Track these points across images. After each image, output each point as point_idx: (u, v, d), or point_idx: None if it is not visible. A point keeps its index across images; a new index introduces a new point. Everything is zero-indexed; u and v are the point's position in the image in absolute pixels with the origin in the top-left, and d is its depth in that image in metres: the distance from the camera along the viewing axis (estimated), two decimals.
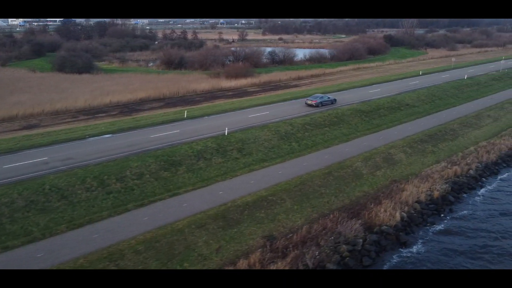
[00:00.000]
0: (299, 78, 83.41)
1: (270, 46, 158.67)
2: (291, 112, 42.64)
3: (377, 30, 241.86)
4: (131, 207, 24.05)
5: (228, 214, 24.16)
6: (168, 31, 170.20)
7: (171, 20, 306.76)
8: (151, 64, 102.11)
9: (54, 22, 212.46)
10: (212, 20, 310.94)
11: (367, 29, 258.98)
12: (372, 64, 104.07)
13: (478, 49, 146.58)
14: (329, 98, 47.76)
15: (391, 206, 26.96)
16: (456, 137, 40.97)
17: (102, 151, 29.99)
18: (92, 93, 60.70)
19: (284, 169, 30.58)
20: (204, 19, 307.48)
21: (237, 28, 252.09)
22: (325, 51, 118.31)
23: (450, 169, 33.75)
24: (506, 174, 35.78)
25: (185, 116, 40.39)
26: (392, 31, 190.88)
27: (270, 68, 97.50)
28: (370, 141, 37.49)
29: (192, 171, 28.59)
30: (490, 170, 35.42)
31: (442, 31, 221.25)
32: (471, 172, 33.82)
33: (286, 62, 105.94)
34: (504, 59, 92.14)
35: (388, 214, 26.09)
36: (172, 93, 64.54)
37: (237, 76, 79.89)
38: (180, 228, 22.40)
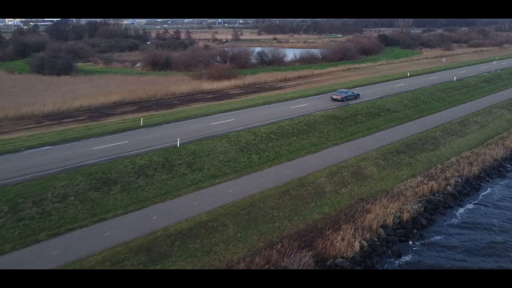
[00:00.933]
0: (286, 80, 79.67)
1: (263, 46, 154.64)
2: (260, 119, 38.78)
3: (375, 30, 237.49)
4: (42, 237, 20.25)
5: (154, 245, 20.34)
6: (161, 31, 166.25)
7: (169, 20, 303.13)
8: (138, 65, 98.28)
9: (51, 21, 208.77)
10: (210, 20, 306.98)
11: (364, 29, 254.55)
12: (363, 65, 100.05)
13: (474, 49, 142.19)
14: (353, 93, 49.26)
15: (351, 233, 23.07)
16: (437, 147, 36.98)
17: (30, 167, 26.19)
18: (64, 96, 57.17)
19: (236, 187, 26.71)
20: (202, 19, 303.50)
21: (233, 28, 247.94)
22: (317, 51, 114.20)
23: (426, 184, 29.82)
24: (489, 189, 31.80)
25: (141, 124, 36.56)
26: (388, 31, 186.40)
27: (258, 69, 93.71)
28: (340, 152, 33.57)
29: (127, 191, 24.76)
30: (471, 185, 31.45)
31: (439, 31, 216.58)
32: (449, 188, 29.85)
33: (275, 62, 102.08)
34: (498, 60, 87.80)
35: (346, 243, 22.23)
36: (148, 96, 60.92)
37: (220, 77, 76.28)
38: (91, 266, 18.58)
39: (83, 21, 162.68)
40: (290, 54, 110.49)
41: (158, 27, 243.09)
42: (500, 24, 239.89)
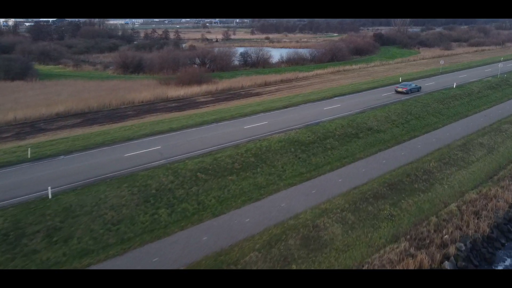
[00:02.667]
0: (266, 84, 69.23)
1: (254, 46, 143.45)
2: (196, 146, 28.29)
3: (372, 29, 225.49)
4: None
5: None
6: (149, 31, 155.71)
7: (166, 20, 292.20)
8: (111, 67, 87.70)
9: (47, 22, 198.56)
10: (208, 20, 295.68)
11: (362, 28, 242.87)
12: (354, 66, 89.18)
13: (474, 48, 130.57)
14: (415, 86, 48.83)
15: None
16: (431, 186, 26.23)
17: None
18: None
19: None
20: (199, 19, 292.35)
21: (228, 27, 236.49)
22: (306, 52, 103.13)
23: (411, 257, 19.15)
24: (508, 260, 20.97)
25: (29, 156, 26.08)
26: (386, 30, 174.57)
27: (239, 72, 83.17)
28: (293, 200, 22.97)
29: None
30: (480, 254, 20.69)
31: (439, 29, 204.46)
32: (447, 265, 19.09)
33: (260, 64, 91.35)
34: (503, 61, 76.45)
35: None
36: (101, 105, 50.64)
37: (190, 82, 65.73)
38: None
39: (66, 21, 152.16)
40: (277, 55, 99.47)
41: (153, 26, 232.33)
42: (500, 22, 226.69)
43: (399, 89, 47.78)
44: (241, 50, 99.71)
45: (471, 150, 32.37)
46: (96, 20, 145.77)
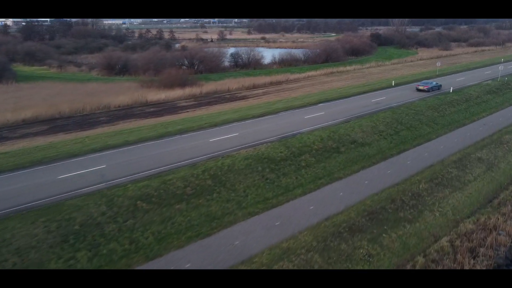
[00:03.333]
0: (254, 87, 65.07)
1: (249, 46, 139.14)
2: (148, 165, 24.01)
3: (371, 28, 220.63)
4: None
5: None
6: (143, 31, 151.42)
7: (165, 20, 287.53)
8: (96, 69, 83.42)
9: (45, 21, 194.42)
10: (206, 20, 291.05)
11: (361, 27, 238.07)
12: (349, 68, 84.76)
13: (474, 48, 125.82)
14: (436, 84, 48.56)
15: None
16: (419, 214, 21.86)
17: None
18: None
19: None
20: (198, 19, 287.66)
21: (226, 27, 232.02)
22: (300, 52, 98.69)
23: None
24: None
25: None
26: (384, 29, 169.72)
27: (228, 73, 79.04)
28: (250, 235, 18.65)
29: None
30: None
31: (438, 29, 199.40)
32: None
33: (251, 65, 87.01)
34: (503, 62, 71.78)
35: None
36: (74, 110, 46.61)
37: (173, 85, 61.49)
38: None
39: (60, 20, 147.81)
40: (270, 55, 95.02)
41: (152, 26, 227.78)
42: (500, 22, 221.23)
43: (421, 87, 47.45)
44: (231, 50, 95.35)
45: (468, 167, 27.93)
46: (90, 20, 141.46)
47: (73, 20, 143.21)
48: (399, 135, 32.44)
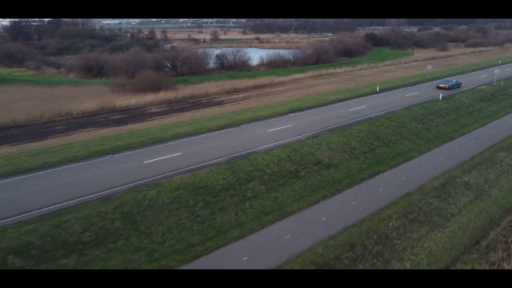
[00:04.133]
0: (235, 91, 60.25)
1: (242, 47, 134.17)
2: (49, 200, 19.02)
3: (369, 28, 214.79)
4: None
5: None
6: (135, 31, 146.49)
7: (163, 20, 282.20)
8: (75, 71, 78.55)
9: (34, 21, 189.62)
10: (205, 20, 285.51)
11: (359, 27, 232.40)
12: (339, 70, 79.64)
13: (472, 49, 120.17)
14: (456, 82, 48.09)
15: None
16: (385, 264, 16.79)
17: None
18: None
19: None
20: (196, 19, 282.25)
21: (223, 27, 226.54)
22: (290, 53, 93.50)
23: None
24: None
25: None
26: (381, 30, 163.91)
27: (211, 76, 74.19)
28: None
29: None
30: None
31: (437, 29, 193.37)
32: None
33: (237, 67, 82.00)
34: (500, 64, 66.29)
35: None
36: (31, 118, 41.95)
37: (146, 89, 56.61)
38: None
39: (46, 20, 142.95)
40: (257, 56, 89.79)
41: (150, 26, 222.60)
42: (500, 22, 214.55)
43: (441, 85, 47.04)
44: (217, 51, 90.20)
45: (452, 195, 22.77)
46: (80, 20, 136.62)
47: (64, 20, 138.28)
48: (374, 154, 27.29)
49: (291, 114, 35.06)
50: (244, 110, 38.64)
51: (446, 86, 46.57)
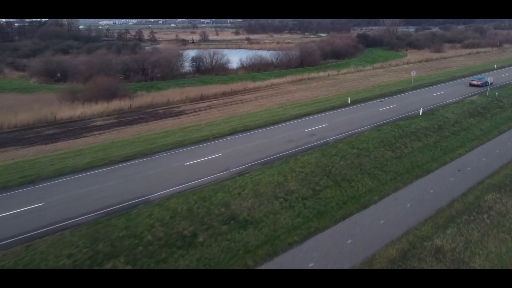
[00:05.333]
0: (201, 99, 53.36)
1: (231, 48, 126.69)
2: None
3: (366, 29, 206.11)
4: None
5: None
6: (122, 31, 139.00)
7: (161, 20, 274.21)
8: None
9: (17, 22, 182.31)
10: (203, 20, 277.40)
11: (356, 27, 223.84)
12: (322, 74, 71.79)
13: (469, 50, 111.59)
14: (486, 79, 45.69)
15: None
16: None
17: None
18: None
19: None
20: (194, 19, 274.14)
21: (219, 27, 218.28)
22: (274, 55, 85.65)
23: None
24: None
25: None
26: (376, 30, 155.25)
27: (181, 81, 66.90)
28: None
29: None
30: None
31: (435, 29, 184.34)
32: None
33: (214, 70, 74.31)
34: (497, 69, 58.00)
35: None
36: None
37: (99, 96, 49.22)
38: None
39: (28, 21, 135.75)
40: (238, 59, 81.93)
41: (144, 26, 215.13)
42: (499, 21, 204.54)
43: (474, 82, 46.20)
44: (193, 53, 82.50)
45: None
46: (65, 20, 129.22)
47: (47, 20, 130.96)
48: (317, 199, 19.57)
49: (229, 138, 27.39)
50: (186, 126, 31.30)
51: (479, 83, 45.50)
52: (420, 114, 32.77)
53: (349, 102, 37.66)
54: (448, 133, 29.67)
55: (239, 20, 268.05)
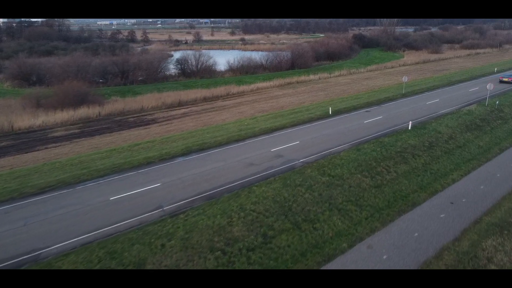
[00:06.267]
0: (179, 105, 50.31)
1: (224, 49, 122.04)
2: None
3: (364, 29, 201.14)
4: None
5: None
6: (114, 32, 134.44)
7: (159, 20, 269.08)
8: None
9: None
10: (202, 20, 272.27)
11: (354, 28, 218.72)
12: (312, 77, 67.30)
13: (468, 51, 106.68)
14: None
15: None
16: None
17: None
18: None
19: None
20: (193, 19, 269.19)
21: (217, 27, 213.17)
22: (264, 56, 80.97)
23: None
24: None
25: None
26: (374, 30, 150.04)
27: (162, 85, 62.57)
28: None
29: None
30: None
31: (434, 29, 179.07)
32: None
33: (200, 73, 69.82)
34: (497, 73, 53.01)
35: None
36: None
37: (65, 103, 45.08)
38: None
39: (17, 21, 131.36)
40: (224, 61, 77.22)
41: (142, 27, 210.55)
42: (499, 21, 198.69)
43: (505, 79, 44.90)
44: (178, 55, 77.83)
45: None
46: (57, 20, 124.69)
47: (36, 20, 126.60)
48: (267, 250, 14.91)
49: (180, 160, 22.72)
50: (136, 143, 26.58)
51: (510, 80, 44.57)
52: (409, 128, 27.99)
53: (330, 113, 32.86)
54: (440, 152, 24.91)
55: (237, 20, 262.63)
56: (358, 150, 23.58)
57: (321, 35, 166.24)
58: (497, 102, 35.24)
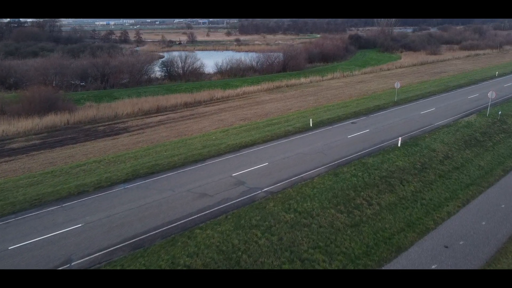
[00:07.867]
0: (158, 111, 47.54)
1: (218, 49, 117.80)
2: None
3: (363, 29, 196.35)
4: None
5: None
6: (107, 32, 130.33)
7: (157, 20, 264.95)
8: None
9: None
10: (201, 20, 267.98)
11: (352, 28, 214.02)
12: (304, 80, 63.25)
13: (467, 52, 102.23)
14: None
15: None
16: None
17: None
18: None
19: None
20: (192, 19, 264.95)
21: (215, 28, 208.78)
22: (255, 58, 76.70)
23: None
24: None
25: None
26: (371, 30, 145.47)
27: (144, 88, 58.48)
28: None
29: None
30: None
31: (434, 30, 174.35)
32: None
33: (186, 76, 65.69)
34: (498, 76, 48.62)
35: None
36: None
37: (31, 109, 41.26)
38: None
39: (5, 21, 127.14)
40: (213, 63, 73.07)
41: (130, 27, 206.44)
42: (499, 22, 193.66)
43: None
44: (164, 57, 73.69)
45: None
46: (48, 21, 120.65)
47: (25, 20, 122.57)
48: None
49: (120, 188, 18.62)
50: (80, 164, 22.48)
51: None
52: (399, 145, 23.79)
53: (311, 125, 28.66)
54: (434, 176, 20.73)
55: (235, 20, 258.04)
56: (336, 175, 19.43)
57: (318, 35, 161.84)
58: (500, 112, 30.98)
